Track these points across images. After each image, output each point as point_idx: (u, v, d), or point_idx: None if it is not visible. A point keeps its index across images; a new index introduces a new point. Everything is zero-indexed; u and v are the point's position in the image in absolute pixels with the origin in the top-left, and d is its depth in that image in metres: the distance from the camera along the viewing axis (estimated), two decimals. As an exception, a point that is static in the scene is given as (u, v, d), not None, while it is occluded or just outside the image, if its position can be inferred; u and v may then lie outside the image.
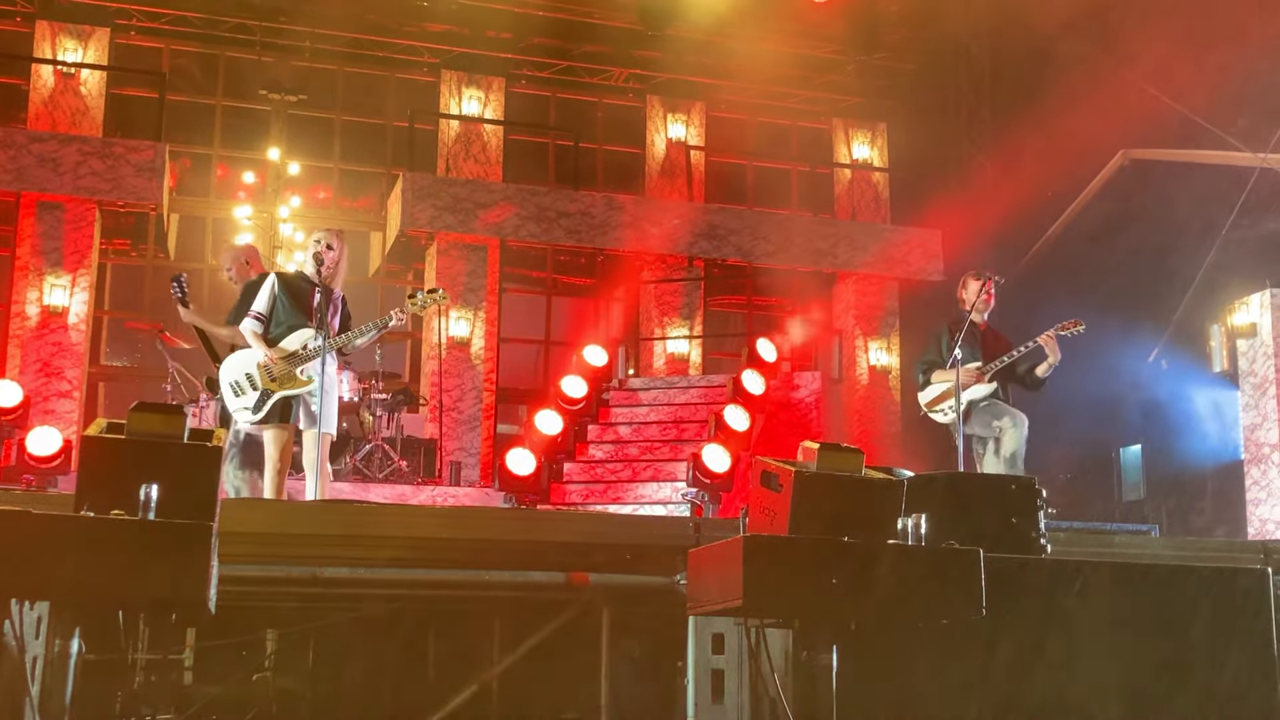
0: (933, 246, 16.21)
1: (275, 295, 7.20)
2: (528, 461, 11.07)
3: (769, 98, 16.72)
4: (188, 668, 5.70)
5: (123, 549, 3.71)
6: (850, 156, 17.48)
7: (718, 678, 5.08)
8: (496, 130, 16.11)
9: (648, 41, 15.57)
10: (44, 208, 13.71)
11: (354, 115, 16.32)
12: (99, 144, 13.92)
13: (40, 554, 3.66)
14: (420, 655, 5.75)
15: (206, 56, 15.85)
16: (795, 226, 16.31)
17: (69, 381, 13.42)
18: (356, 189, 16.52)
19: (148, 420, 4.13)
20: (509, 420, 15.55)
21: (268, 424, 7.05)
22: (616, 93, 16.83)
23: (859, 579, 4.17)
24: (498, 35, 15.75)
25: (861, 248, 16.22)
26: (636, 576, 5.54)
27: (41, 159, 13.50)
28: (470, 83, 16.09)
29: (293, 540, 5.38)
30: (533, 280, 16.56)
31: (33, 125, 14.30)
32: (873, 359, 16.30)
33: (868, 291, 16.46)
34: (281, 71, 15.66)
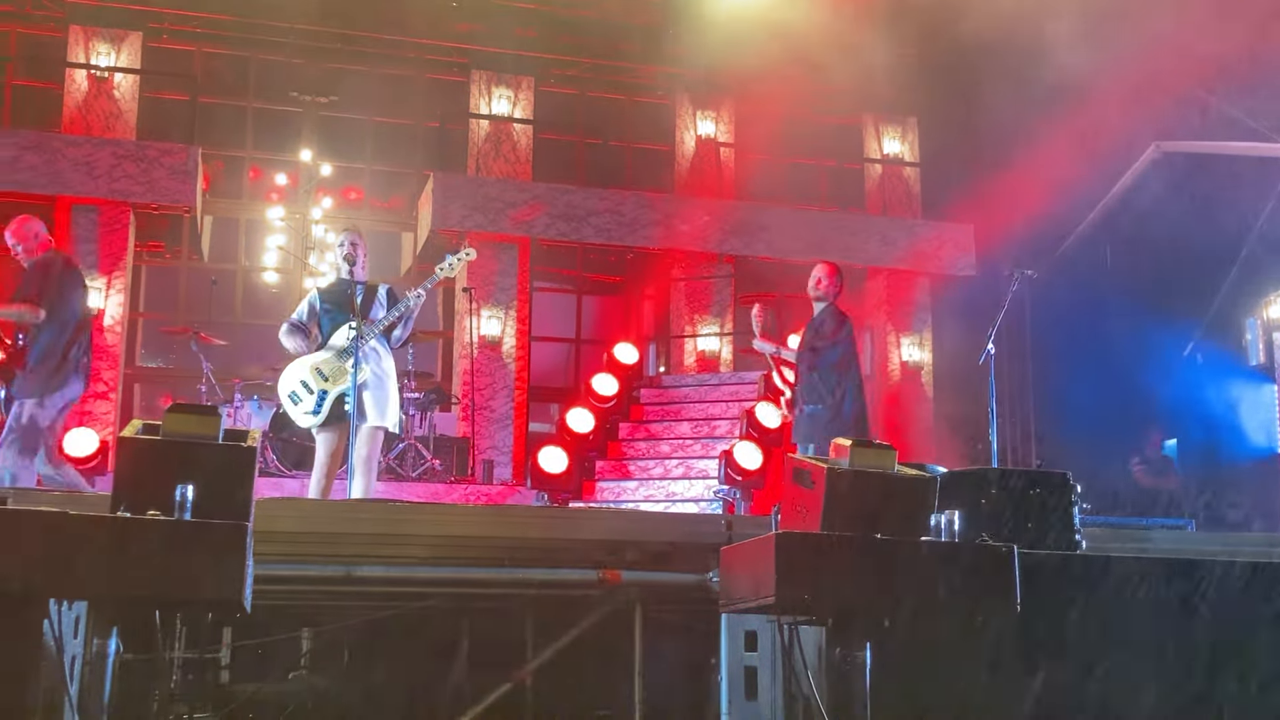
0: (964, 241, 16.12)
1: (315, 306, 7.35)
2: (560, 459, 11.11)
3: (798, 93, 16.65)
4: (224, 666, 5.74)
5: (159, 549, 3.74)
6: (881, 151, 17.41)
7: (751, 675, 5.08)
8: (526, 129, 16.14)
9: (677, 39, 15.55)
10: (79, 211, 13.83)
11: (385, 116, 16.38)
12: (133, 147, 14.03)
13: (78, 555, 3.69)
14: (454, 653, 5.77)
15: (238, 59, 15.95)
16: (826, 222, 16.26)
17: (105, 383, 13.54)
18: (388, 189, 16.59)
19: (183, 421, 4.17)
20: (541, 419, 15.58)
21: (328, 424, 7.12)
22: (645, 90, 16.82)
23: (892, 576, 4.16)
24: (526, 34, 15.78)
25: (892, 243, 16.16)
26: (669, 574, 5.55)
27: (76, 162, 13.62)
28: (500, 82, 16.12)
29: (327, 539, 5.42)
30: (563, 279, 16.58)
31: (67, 129, 14.43)
32: (905, 355, 16.23)
33: (899, 287, 16.39)
34: (312, 73, 15.75)
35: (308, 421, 7.19)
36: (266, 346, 13.26)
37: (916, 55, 16.39)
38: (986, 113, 14.94)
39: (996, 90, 14.59)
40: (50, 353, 7.36)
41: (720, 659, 5.17)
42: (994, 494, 4.99)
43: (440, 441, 11.85)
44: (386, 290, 7.54)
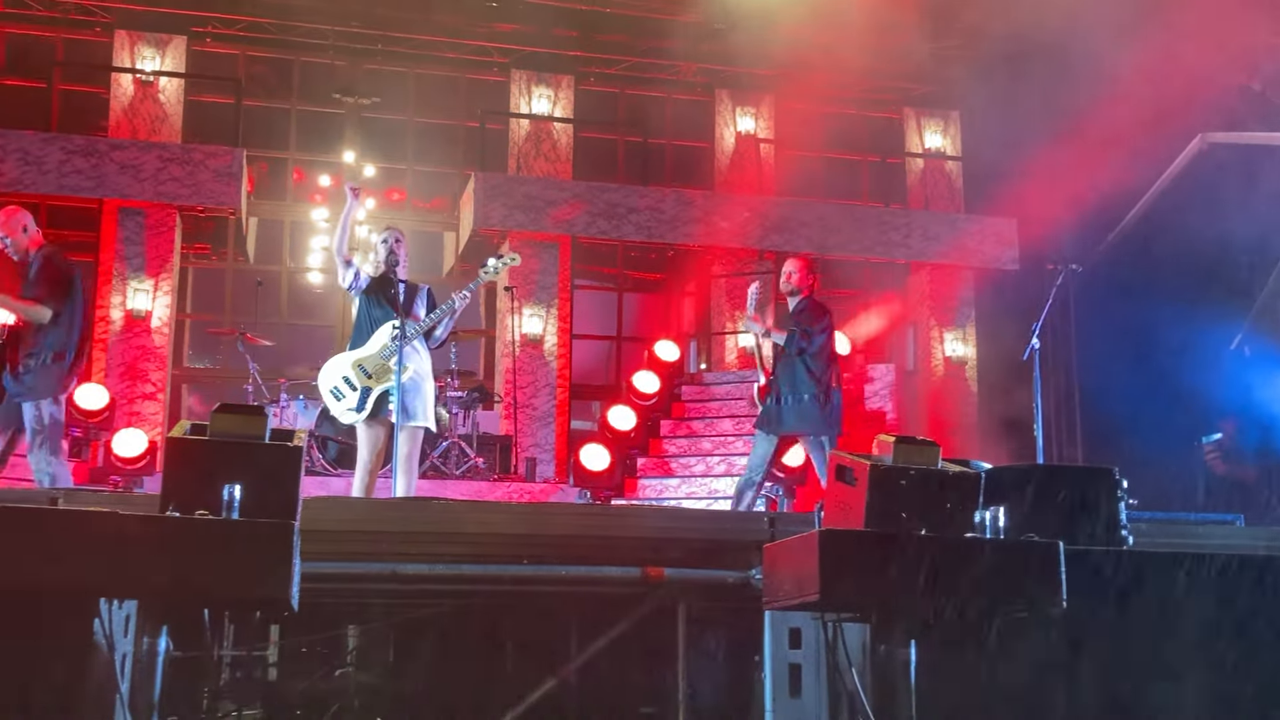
0: (1008, 235, 16.00)
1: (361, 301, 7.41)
2: (602, 457, 11.15)
3: (838, 88, 16.58)
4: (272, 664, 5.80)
5: (207, 548, 3.78)
6: (922, 146, 17.31)
7: (795, 672, 5.07)
8: (566, 128, 16.18)
9: (715, 35, 15.52)
10: (126, 214, 14.00)
11: (426, 117, 16.47)
12: (178, 150, 14.19)
13: (128, 554, 3.74)
14: (498, 650, 5.80)
15: (281, 62, 16.08)
16: (867, 217, 16.19)
17: (153, 384, 13.69)
18: (430, 190, 16.68)
19: (230, 421, 4.21)
20: (582, 416, 15.61)
21: (369, 421, 7.18)
22: (685, 87, 16.81)
23: (936, 573, 4.13)
24: (566, 33, 15.81)
25: (935, 238, 16.07)
26: (712, 571, 5.55)
27: (123, 166, 13.79)
28: (540, 81, 16.17)
29: (372, 537, 5.46)
30: (604, 276, 16.60)
31: (113, 133, 14.60)
32: (948, 350, 16.14)
33: (942, 281, 16.30)
34: (354, 75, 15.86)
35: (349, 418, 7.25)
36: (312, 347, 13.41)
37: (958, 48, 16.28)
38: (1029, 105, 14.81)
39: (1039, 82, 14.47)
40: (62, 350, 7.30)
41: (764, 656, 5.16)
42: (1039, 490, 4.96)
43: (483, 439, 11.91)
44: (427, 290, 7.59)
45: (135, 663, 4.13)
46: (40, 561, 3.67)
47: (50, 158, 13.56)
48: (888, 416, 12.82)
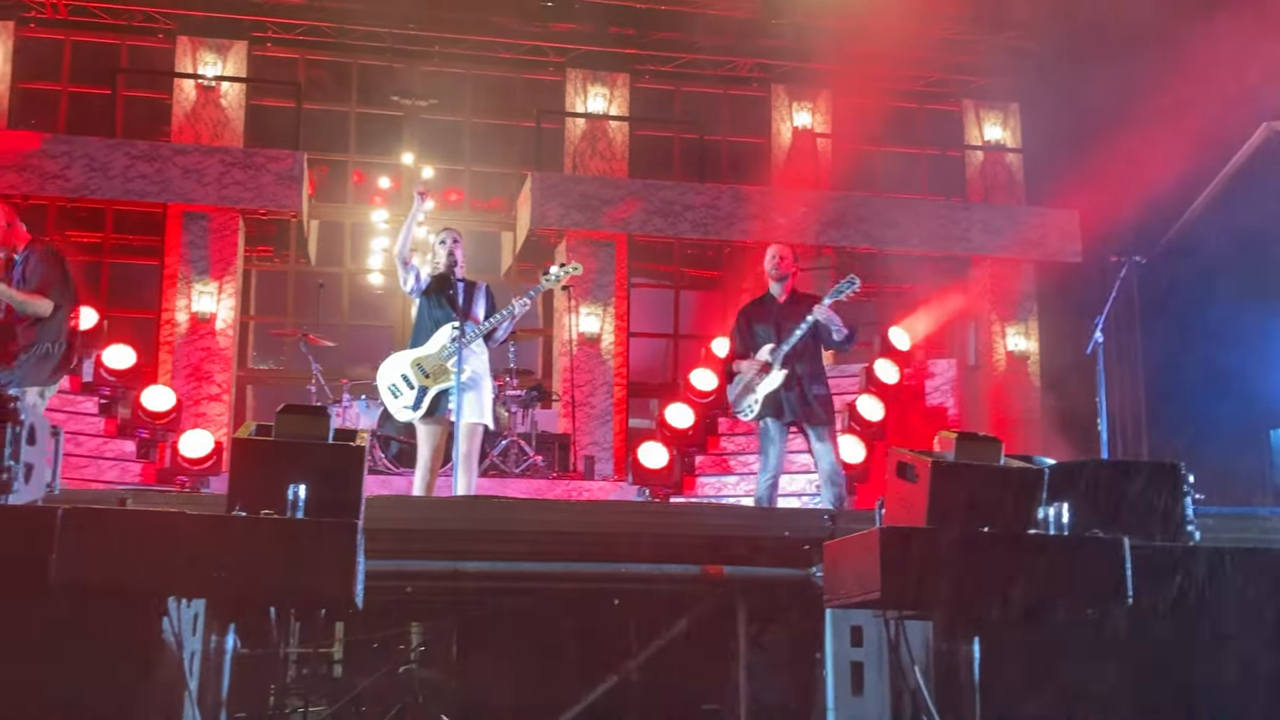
0: (1070, 228, 15.80)
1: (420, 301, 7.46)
2: (660, 455, 11.16)
3: (896, 81, 16.46)
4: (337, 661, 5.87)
5: (273, 547, 3.82)
6: (982, 138, 17.14)
7: (857, 670, 5.05)
8: (622, 126, 16.19)
9: (771, 30, 15.47)
10: (190, 218, 14.20)
11: (483, 117, 16.56)
12: (240, 154, 14.37)
13: (195, 553, 3.79)
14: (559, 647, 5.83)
15: (339, 65, 16.24)
16: (926, 211, 16.06)
17: (218, 385, 13.88)
18: (487, 190, 16.77)
19: (294, 422, 4.26)
20: (640, 414, 15.62)
21: (427, 420, 7.23)
22: (740, 83, 16.77)
23: (999, 570, 4.10)
24: (621, 32, 15.83)
25: (995, 231, 15.91)
26: (772, 569, 5.54)
27: (186, 170, 13.98)
28: (595, 80, 16.20)
29: (434, 535, 5.50)
30: (660, 274, 16.60)
31: (177, 138, 14.82)
32: (1010, 344, 15.97)
33: (1003, 275, 16.13)
34: (412, 77, 15.98)
35: (406, 416, 7.30)
36: (374, 347, 13.52)
37: (1018, 39, 16.12)
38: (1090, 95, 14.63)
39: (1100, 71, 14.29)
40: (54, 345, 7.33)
41: (825, 654, 5.14)
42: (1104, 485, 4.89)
43: (542, 438, 11.95)
44: (486, 289, 7.63)
45: (203, 660, 4.18)
46: (110, 561, 3.73)
47: (115, 163, 13.78)
48: (949, 412, 12.71)
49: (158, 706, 3.95)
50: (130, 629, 3.92)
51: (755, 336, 8.06)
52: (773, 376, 7.84)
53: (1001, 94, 17.09)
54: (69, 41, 15.34)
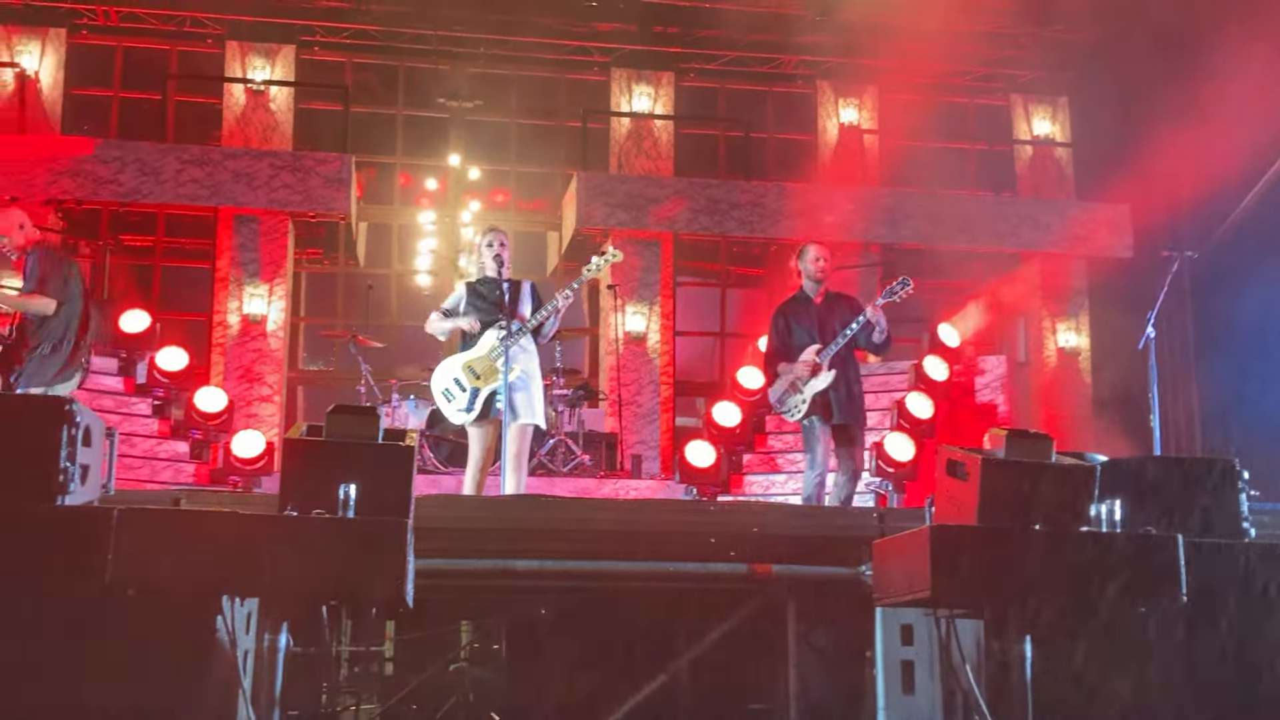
0: (1121, 222, 15.62)
1: (463, 301, 7.49)
2: (707, 453, 11.14)
3: (943, 76, 16.34)
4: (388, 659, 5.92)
5: (325, 547, 3.86)
6: (1031, 133, 16.98)
7: (908, 669, 5.03)
8: (667, 125, 16.19)
9: (817, 27, 15.41)
10: (240, 221, 14.35)
11: (528, 118, 16.62)
12: (289, 158, 14.49)
13: (248, 553, 3.84)
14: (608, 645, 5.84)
15: (386, 68, 16.35)
16: (975, 207, 15.93)
17: (269, 386, 14.02)
18: (533, 190, 16.82)
19: (344, 422, 4.31)
20: (687, 413, 15.61)
21: (479, 421, 7.27)
22: (786, 80, 16.72)
23: (1051, 568, 4.07)
24: (665, 30, 15.82)
25: (1045, 227, 15.75)
26: (820, 568, 5.52)
27: (236, 174, 14.12)
28: (640, 79, 16.21)
29: (483, 534, 5.53)
30: (706, 273, 16.58)
31: (227, 142, 14.97)
32: (1061, 341, 15.82)
33: (1053, 271, 15.97)
34: (458, 79, 16.05)
35: (461, 419, 7.34)
36: (422, 347, 13.60)
37: (1066, 32, 15.96)
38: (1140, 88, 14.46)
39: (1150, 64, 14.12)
40: (58, 345, 7.43)
41: (875, 653, 5.12)
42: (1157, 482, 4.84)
43: (589, 437, 11.97)
44: (531, 286, 7.65)
45: (257, 659, 4.23)
46: (165, 561, 3.78)
47: (167, 168, 13.94)
48: (999, 410, 12.60)
49: (212, 705, 3.99)
50: (185, 628, 3.97)
51: (795, 337, 8.09)
52: (822, 377, 7.87)
53: (1050, 88, 16.93)
54: (120, 48, 15.54)
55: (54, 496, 4.18)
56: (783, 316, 8.23)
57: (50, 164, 13.68)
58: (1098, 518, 4.21)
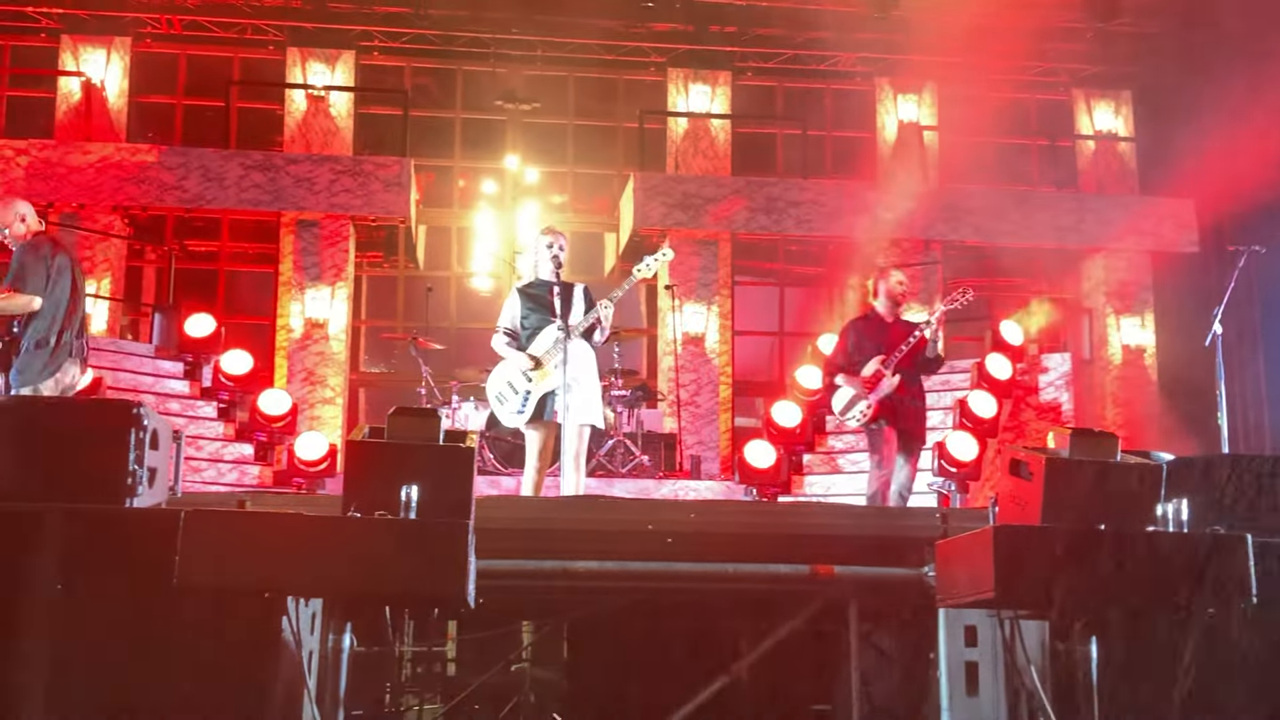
0: (1186, 217, 15.38)
1: (518, 308, 7.50)
2: (767, 454, 11.10)
3: (1004, 72, 16.18)
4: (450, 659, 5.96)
5: (387, 547, 3.89)
6: (1093, 127, 16.77)
7: (971, 670, 4.99)
8: (724, 124, 16.16)
9: (875, 23, 15.31)
10: (302, 225, 14.52)
11: (585, 119, 16.66)
12: (349, 162, 14.63)
13: (313, 554, 3.87)
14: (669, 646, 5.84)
15: (444, 72, 16.47)
16: (1037, 203, 15.75)
17: (331, 388, 14.17)
18: (590, 191, 16.87)
19: (406, 424, 4.34)
20: (746, 413, 15.57)
21: (534, 422, 7.30)
22: (844, 77, 16.61)
23: (1117, 568, 4.01)
24: (722, 29, 15.80)
25: (1109, 222, 15.53)
26: (882, 569, 5.48)
27: (298, 179, 14.29)
28: (696, 79, 16.19)
29: (543, 535, 5.54)
30: (764, 272, 16.53)
31: (288, 148, 15.15)
32: (1126, 337, 15.60)
33: (1118, 267, 15.76)
34: (515, 81, 16.12)
35: (514, 420, 7.37)
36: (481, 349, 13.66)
37: (1129, 25, 15.74)
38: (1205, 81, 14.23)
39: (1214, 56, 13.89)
40: (43, 340, 7.22)
41: (939, 654, 5.08)
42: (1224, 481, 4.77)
43: (648, 437, 11.97)
44: (584, 290, 7.66)
45: (321, 659, 4.27)
46: (230, 562, 3.83)
47: (230, 173, 14.13)
48: (1064, 408, 12.45)
49: (278, 704, 4.04)
50: (251, 628, 4.02)
51: (863, 353, 8.33)
52: (888, 380, 8.12)
53: (1113, 82, 16.71)
54: (183, 55, 15.78)
55: (123, 499, 4.25)
56: (855, 332, 8.50)
57: (116, 171, 13.93)
58: (1164, 517, 4.15)
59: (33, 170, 13.80)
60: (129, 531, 4.17)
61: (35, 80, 15.53)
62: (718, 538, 5.61)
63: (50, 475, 4.24)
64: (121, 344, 12.66)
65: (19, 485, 4.22)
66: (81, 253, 14.09)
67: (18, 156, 13.83)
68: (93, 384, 10.38)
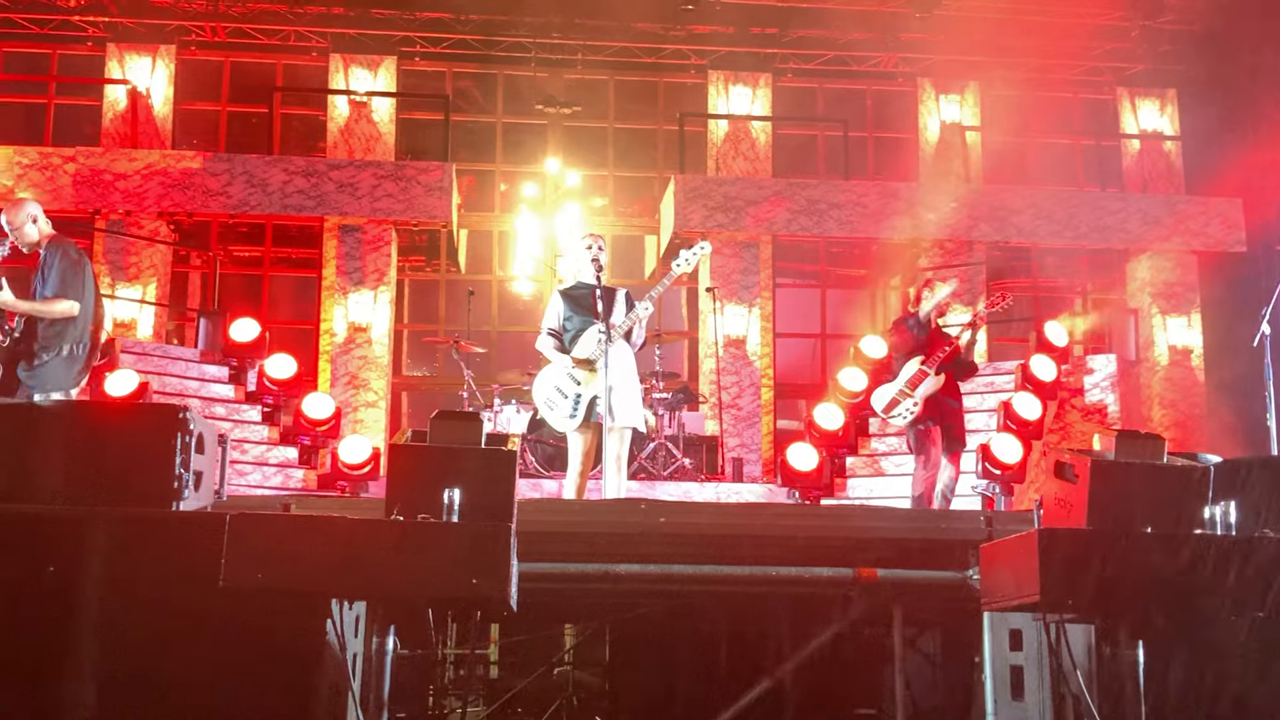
0: (1233, 216, 15.21)
1: (561, 310, 7.51)
2: (809, 456, 11.05)
3: (1046, 71, 16.07)
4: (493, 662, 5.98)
5: (430, 550, 3.91)
6: (1138, 126, 16.60)
7: (1016, 674, 4.95)
8: (764, 126, 16.13)
9: (916, 23, 15.24)
10: (345, 230, 14.63)
11: (625, 122, 16.69)
12: (392, 167, 14.73)
13: (357, 557, 3.89)
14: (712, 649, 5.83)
15: (485, 77, 16.54)
16: (1081, 202, 15.61)
17: (374, 392, 14.25)
18: (631, 194, 16.89)
19: (448, 428, 4.36)
20: (788, 415, 15.53)
21: (580, 427, 7.31)
22: (885, 78, 16.55)
23: (1164, 572, 3.97)
24: (763, 31, 15.78)
25: (1154, 221, 15.38)
26: (926, 572, 5.45)
27: (341, 185, 14.39)
28: (737, 81, 16.18)
29: (585, 538, 5.55)
30: (805, 274, 16.48)
31: (331, 153, 15.28)
32: (1172, 338, 15.43)
33: (1164, 267, 15.59)
34: (555, 85, 16.18)
35: (566, 425, 7.37)
36: (522, 352, 13.74)
37: (1175, 23, 15.58)
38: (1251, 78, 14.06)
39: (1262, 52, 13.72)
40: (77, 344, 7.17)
41: (984, 658, 5.05)
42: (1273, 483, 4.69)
43: (689, 440, 11.96)
44: (625, 294, 7.66)
45: (365, 661, 4.30)
46: (276, 565, 3.86)
47: (274, 179, 14.25)
48: (1109, 410, 12.33)
49: (324, 706, 4.06)
50: (296, 631, 4.04)
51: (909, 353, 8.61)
52: (932, 379, 8.31)
53: (1158, 80, 16.54)
54: (228, 62, 15.94)
55: (170, 502, 4.28)
56: (905, 330, 8.78)
57: (162, 178, 14.08)
58: (1212, 520, 4.10)
59: (80, 177, 13.98)
60: (175, 535, 4.21)
61: (82, 88, 15.72)
62: (760, 541, 5.59)
63: (98, 479, 4.26)
64: (167, 349, 12.79)
65: (67, 489, 4.26)
66: (127, 259, 14.28)
67: (65, 164, 14.02)
68: (139, 388, 10.51)
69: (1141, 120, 16.61)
